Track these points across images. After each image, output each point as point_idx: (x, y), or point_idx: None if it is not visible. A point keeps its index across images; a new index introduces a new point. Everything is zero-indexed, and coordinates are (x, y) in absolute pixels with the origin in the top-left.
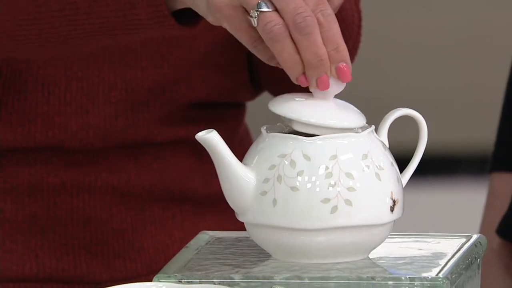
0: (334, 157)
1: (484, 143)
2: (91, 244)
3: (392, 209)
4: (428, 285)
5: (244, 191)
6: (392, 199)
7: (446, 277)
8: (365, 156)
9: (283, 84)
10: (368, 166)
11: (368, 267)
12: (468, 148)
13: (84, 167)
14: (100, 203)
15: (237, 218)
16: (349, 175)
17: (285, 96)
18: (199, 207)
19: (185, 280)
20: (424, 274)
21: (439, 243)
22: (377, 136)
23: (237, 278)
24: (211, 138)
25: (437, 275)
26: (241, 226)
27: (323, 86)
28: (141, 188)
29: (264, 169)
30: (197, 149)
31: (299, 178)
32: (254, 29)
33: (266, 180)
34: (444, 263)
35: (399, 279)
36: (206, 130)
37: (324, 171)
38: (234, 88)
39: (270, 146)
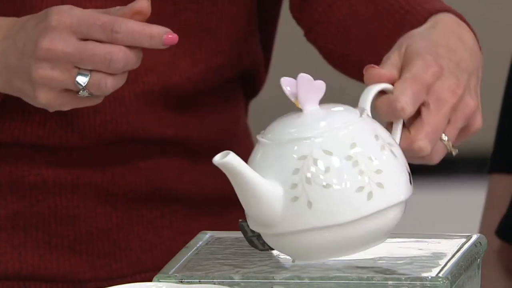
0: (354, 145)
1: (484, 143)
2: (75, 242)
3: (410, 182)
4: (428, 285)
5: (273, 203)
6: (408, 172)
7: (446, 277)
8: (377, 137)
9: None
10: (383, 146)
11: (368, 267)
12: (467, 147)
13: (67, 165)
14: (83, 202)
15: (264, 232)
16: (371, 159)
17: (277, 121)
18: (191, 208)
19: (185, 280)
20: (424, 274)
21: (439, 243)
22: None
23: (237, 278)
24: (231, 161)
25: (437, 275)
26: (236, 228)
27: (170, 40)
28: (126, 188)
29: (288, 175)
30: (189, 150)
31: (328, 174)
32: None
33: (294, 186)
34: (444, 263)
35: (399, 279)
36: (222, 154)
37: (350, 160)
38: (204, 74)
39: (285, 151)
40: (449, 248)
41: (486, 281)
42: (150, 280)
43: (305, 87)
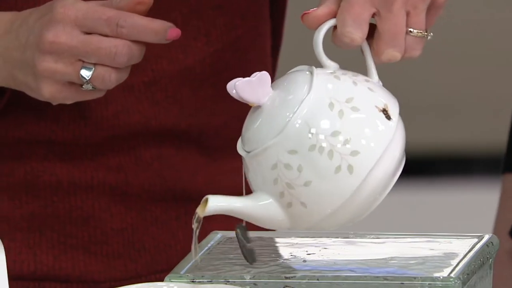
0: (312, 131)
1: (498, 143)
2: (90, 243)
3: (388, 117)
4: (440, 285)
5: (273, 215)
6: (381, 110)
7: (458, 277)
8: (331, 106)
9: None
10: (341, 111)
11: (380, 267)
12: (481, 147)
13: (81, 165)
14: (98, 202)
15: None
16: (335, 134)
17: (244, 126)
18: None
19: (197, 280)
20: (436, 274)
21: (451, 243)
22: (322, 71)
23: (248, 278)
24: (212, 208)
25: (449, 275)
26: (250, 228)
27: (174, 35)
28: (140, 188)
29: (271, 186)
30: (203, 146)
31: (303, 172)
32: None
33: (282, 195)
34: (456, 263)
35: (411, 279)
36: (202, 203)
37: (316, 149)
38: (220, 52)
39: (258, 164)
40: (461, 248)
41: (499, 281)
42: None
43: (246, 91)
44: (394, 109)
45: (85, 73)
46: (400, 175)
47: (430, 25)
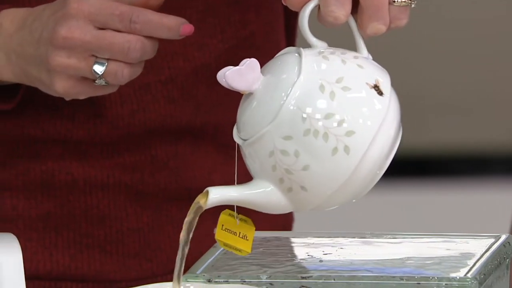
0: (305, 115)
1: None
2: (106, 242)
3: (380, 93)
4: (457, 285)
5: (274, 200)
6: (372, 87)
7: (474, 277)
8: (322, 88)
9: None
10: (332, 93)
11: (396, 267)
12: (498, 147)
13: (97, 164)
14: (114, 202)
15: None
16: (328, 116)
17: (239, 113)
18: (221, 207)
19: (213, 280)
20: (453, 274)
21: (468, 243)
22: (311, 52)
23: (264, 277)
24: (213, 200)
25: (465, 275)
26: (266, 227)
27: (187, 31)
28: (156, 187)
29: (270, 173)
30: (217, 145)
31: (300, 157)
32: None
33: (281, 181)
34: (472, 263)
35: (427, 279)
36: (202, 194)
37: (310, 132)
38: (235, 48)
39: (255, 152)
40: (477, 248)
41: None
42: None
43: (235, 80)
44: (385, 84)
45: (98, 68)
46: (417, 175)
47: None
